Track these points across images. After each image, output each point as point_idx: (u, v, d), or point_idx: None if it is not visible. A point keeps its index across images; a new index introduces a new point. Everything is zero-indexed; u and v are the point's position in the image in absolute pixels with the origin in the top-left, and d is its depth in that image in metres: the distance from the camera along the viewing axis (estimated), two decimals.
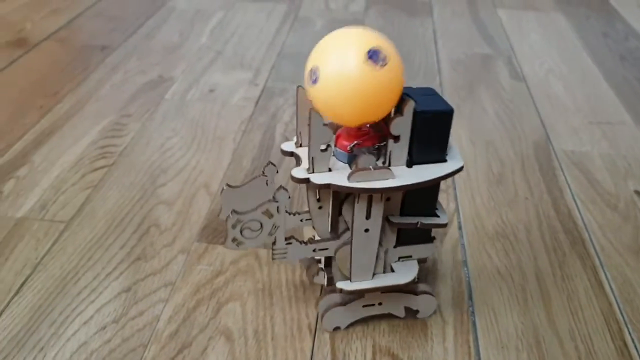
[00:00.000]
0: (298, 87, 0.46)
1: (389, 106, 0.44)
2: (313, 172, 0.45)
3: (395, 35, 1.16)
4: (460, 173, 0.75)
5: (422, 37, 1.15)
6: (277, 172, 0.47)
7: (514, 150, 0.81)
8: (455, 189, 0.73)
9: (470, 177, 0.75)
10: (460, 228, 0.67)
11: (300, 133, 0.49)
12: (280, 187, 0.46)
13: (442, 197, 0.71)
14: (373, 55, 0.41)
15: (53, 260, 0.60)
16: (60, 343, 0.51)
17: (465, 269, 0.61)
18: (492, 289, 0.59)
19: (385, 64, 0.41)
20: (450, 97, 0.94)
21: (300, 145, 0.49)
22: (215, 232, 0.64)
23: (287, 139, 0.81)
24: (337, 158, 0.47)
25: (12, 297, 0.56)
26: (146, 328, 0.53)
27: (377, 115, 0.44)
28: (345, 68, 0.41)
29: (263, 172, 0.46)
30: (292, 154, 0.49)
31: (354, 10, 1.28)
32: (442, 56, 1.08)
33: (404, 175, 0.45)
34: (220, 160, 0.76)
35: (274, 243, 0.48)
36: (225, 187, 0.45)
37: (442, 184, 0.73)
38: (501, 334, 0.54)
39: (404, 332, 0.54)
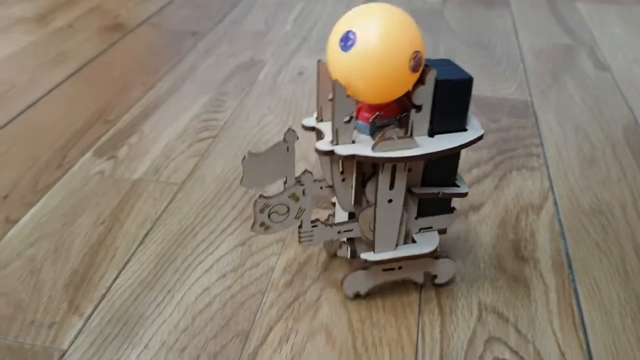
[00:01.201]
0: (318, 61, 0.47)
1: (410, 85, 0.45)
2: (337, 144, 0.45)
3: (474, 25, 1.17)
4: (552, 153, 0.76)
5: (502, 28, 1.17)
6: (298, 138, 0.47)
7: (603, 134, 0.82)
8: (547, 167, 0.74)
9: (562, 158, 0.76)
10: (555, 204, 0.68)
11: (321, 107, 0.49)
12: (305, 170, 0.46)
13: (535, 175, 0.72)
14: (415, 63, 0.43)
15: (171, 217, 0.64)
16: (185, 287, 0.55)
17: (563, 240, 0.63)
18: (591, 260, 0.60)
19: (419, 67, 0.43)
20: (535, 83, 0.95)
21: (321, 120, 0.49)
22: (315, 197, 0.67)
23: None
24: (359, 131, 0.47)
25: (137, 247, 0.60)
26: (263, 277, 0.56)
27: (397, 94, 0.45)
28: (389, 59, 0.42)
29: (284, 139, 0.46)
30: (313, 128, 0.49)
31: (432, 1, 1.30)
32: (523, 46, 1.09)
33: (426, 145, 0.46)
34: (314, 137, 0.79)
35: (300, 226, 0.49)
36: (246, 155, 0.45)
37: (535, 163, 0.75)
38: (604, 300, 0.56)
39: (507, 293, 0.56)
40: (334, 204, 0.55)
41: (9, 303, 0.53)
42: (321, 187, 0.53)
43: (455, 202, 0.54)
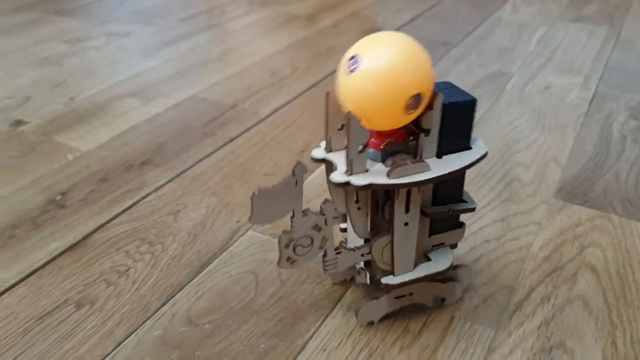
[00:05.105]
0: (327, 93, 0.46)
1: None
2: (352, 175, 0.46)
3: None
4: None
5: None
6: (307, 171, 0.46)
7: None
8: None
9: None
10: None
11: (330, 138, 0.49)
12: (326, 200, 0.48)
13: None
14: (414, 102, 0.43)
15: None
16: None
17: None
18: None
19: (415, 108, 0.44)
20: None
21: (330, 151, 0.49)
22: (569, 194, 0.74)
23: (624, 137, 0.88)
24: (369, 158, 0.47)
25: None
26: (523, 248, 0.65)
27: (391, 127, 0.46)
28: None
29: (293, 172, 0.45)
30: (323, 160, 0.49)
31: None
32: None
33: (437, 167, 0.47)
34: (564, 142, 0.86)
35: (324, 255, 0.50)
36: (256, 192, 0.44)
37: None
38: None
39: None
40: (343, 230, 0.57)
41: None
42: (335, 217, 0.53)
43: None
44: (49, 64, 1.14)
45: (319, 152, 0.49)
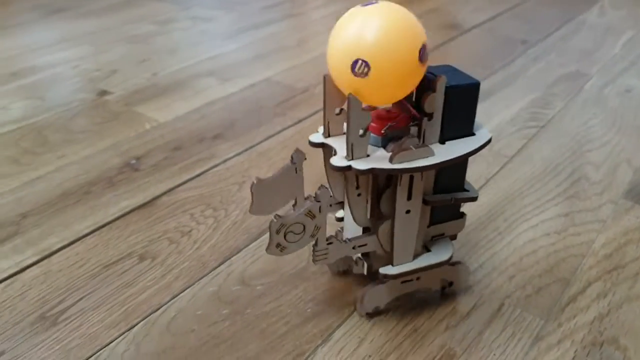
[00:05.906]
0: (325, 75, 0.44)
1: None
2: (352, 159, 0.44)
3: None
4: None
5: None
6: (306, 158, 0.44)
7: None
8: None
9: None
10: None
11: (328, 122, 0.47)
12: (321, 186, 0.45)
13: None
14: (423, 54, 0.42)
15: (502, 179, 0.74)
16: (514, 234, 0.65)
17: None
18: None
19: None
20: None
21: (329, 136, 0.47)
22: (639, 195, 0.72)
23: None
24: (369, 143, 0.45)
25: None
26: (583, 244, 0.63)
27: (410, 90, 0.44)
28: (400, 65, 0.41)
29: (292, 160, 0.43)
30: (322, 145, 0.47)
31: None
32: None
33: (440, 152, 0.45)
34: None
35: (315, 244, 0.47)
36: (255, 181, 0.42)
37: None
38: None
39: None
40: (339, 220, 0.55)
41: None
42: (330, 205, 0.50)
43: None
44: (136, 42, 1.21)
45: (317, 137, 0.48)
